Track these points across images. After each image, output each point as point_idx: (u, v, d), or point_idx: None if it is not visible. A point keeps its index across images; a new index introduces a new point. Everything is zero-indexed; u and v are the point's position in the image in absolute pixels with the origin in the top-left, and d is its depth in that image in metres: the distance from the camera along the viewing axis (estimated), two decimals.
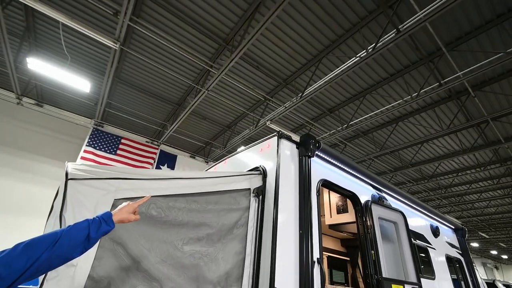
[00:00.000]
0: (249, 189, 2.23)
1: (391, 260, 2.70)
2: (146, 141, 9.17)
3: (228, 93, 7.56)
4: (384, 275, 2.42)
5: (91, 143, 7.70)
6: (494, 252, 29.24)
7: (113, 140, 8.02)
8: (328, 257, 5.50)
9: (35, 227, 5.80)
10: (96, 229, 1.09)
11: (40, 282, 1.28)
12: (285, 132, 2.56)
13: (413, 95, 6.20)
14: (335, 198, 3.45)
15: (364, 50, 5.08)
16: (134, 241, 1.56)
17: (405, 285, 2.54)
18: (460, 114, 7.47)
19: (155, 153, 8.79)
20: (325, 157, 2.76)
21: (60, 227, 1.42)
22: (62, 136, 8.03)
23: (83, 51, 6.40)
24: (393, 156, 10.18)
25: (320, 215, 2.35)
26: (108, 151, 7.77)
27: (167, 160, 9.25)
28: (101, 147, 7.79)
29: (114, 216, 1.21)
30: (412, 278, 2.66)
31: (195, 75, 6.96)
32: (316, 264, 2.08)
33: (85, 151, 7.39)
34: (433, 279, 3.40)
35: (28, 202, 6.70)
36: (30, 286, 2.90)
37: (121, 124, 9.03)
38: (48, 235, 1.00)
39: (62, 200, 1.47)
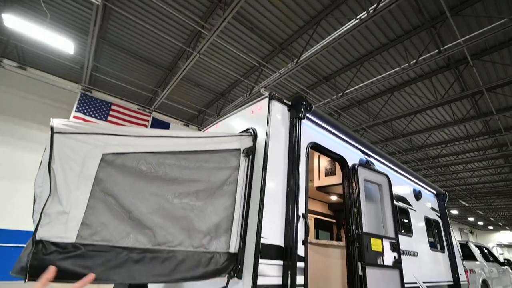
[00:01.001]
0: (239, 149, 2.26)
1: (373, 218, 2.88)
2: (138, 108, 8.98)
3: (221, 57, 7.27)
4: (364, 230, 2.60)
5: (80, 108, 7.51)
6: (471, 219, 31.36)
7: (103, 106, 7.83)
8: (316, 219, 5.83)
9: (23, 192, 5.89)
10: None
11: (34, 227, 1.34)
12: (277, 94, 2.53)
13: (411, 62, 6.09)
14: (324, 162, 3.55)
15: (365, 11, 4.84)
16: (125, 193, 1.61)
17: (383, 240, 2.75)
18: (456, 84, 7.45)
19: (147, 121, 8.67)
20: (316, 120, 2.77)
21: (50, 179, 1.44)
22: (49, 101, 7.78)
23: (64, 8, 5.93)
24: (386, 126, 10.30)
25: (308, 175, 2.44)
26: (98, 117, 7.63)
27: (160, 128, 9.17)
28: (91, 113, 7.62)
29: None
30: (390, 234, 2.87)
31: (186, 36, 6.61)
32: (301, 218, 2.21)
33: (74, 117, 7.24)
34: (411, 236, 3.67)
35: (16, 167, 6.69)
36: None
37: (110, 90, 8.73)
38: None
39: (49, 153, 1.48)
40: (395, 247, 2.81)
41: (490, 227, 38.09)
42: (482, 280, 6.77)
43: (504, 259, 9.23)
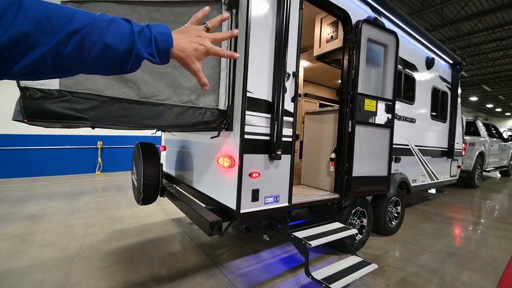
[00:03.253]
0: (221, 1, 1.99)
1: (372, 80, 2.78)
2: None
3: None
4: (359, 91, 2.56)
5: None
6: (490, 106, 30.57)
7: None
8: (321, 104, 5.86)
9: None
10: (143, 46, 0.54)
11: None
12: None
13: None
14: (326, 29, 3.16)
15: None
16: None
17: (379, 101, 2.74)
18: None
19: None
20: None
21: None
22: None
23: None
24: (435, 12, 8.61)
25: (301, 31, 2.20)
26: None
27: None
28: None
29: (177, 41, 0.59)
30: (388, 96, 2.83)
31: None
32: (291, 76, 2.15)
33: None
34: (412, 104, 3.65)
35: None
36: None
37: None
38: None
39: None
40: (390, 108, 2.82)
41: (508, 114, 37.54)
42: (479, 152, 7.19)
43: (509, 136, 9.45)
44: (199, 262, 2.60)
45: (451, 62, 4.59)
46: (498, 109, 33.37)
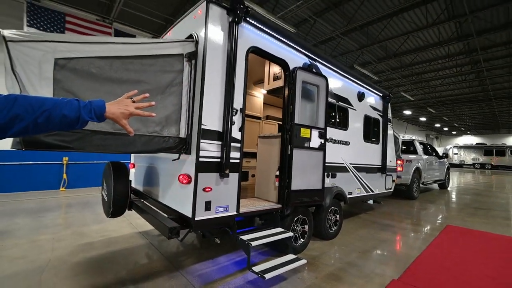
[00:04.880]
0: (182, 54, 2.57)
1: (307, 113, 3.51)
2: (97, 19, 8.22)
3: None
4: (296, 122, 3.26)
5: (31, 22, 6.85)
6: (437, 125, 34.48)
7: (55, 18, 7.13)
8: (279, 124, 6.54)
9: None
10: (86, 114, 0.97)
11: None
12: None
13: None
14: (273, 68, 3.90)
15: None
16: (83, 91, 2.02)
17: (313, 129, 3.46)
18: None
19: (109, 33, 8.11)
20: (258, 24, 2.97)
21: (17, 82, 1.81)
22: None
23: None
24: (362, 32, 10.09)
25: (247, 77, 2.85)
26: (54, 31, 7.08)
27: None
28: (45, 27, 7.00)
29: (108, 109, 1.05)
30: (320, 125, 3.58)
31: None
32: (238, 111, 2.77)
33: None
34: (345, 130, 4.48)
35: None
36: None
37: None
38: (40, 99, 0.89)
39: (9, 60, 1.79)
40: (322, 135, 3.56)
41: (454, 132, 42.50)
42: (416, 167, 8.42)
43: (443, 153, 11.05)
44: (162, 267, 2.99)
45: (380, 94, 5.63)
46: (446, 128, 37.72)
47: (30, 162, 7.01)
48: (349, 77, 4.56)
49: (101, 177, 3.44)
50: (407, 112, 24.27)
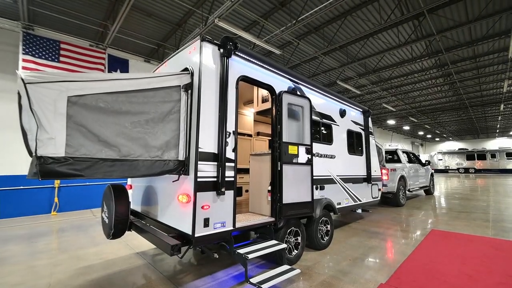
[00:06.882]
0: (179, 85, 2.87)
1: (294, 132, 3.83)
2: (90, 45, 8.53)
3: None
4: (284, 140, 3.57)
5: (27, 50, 7.07)
6: (421, 133, 35.93)
7: (51, 46, 7.39)
8: (269, 140, 6.87)
9: None
10: None
11: (34, 149, 2.01)
12: (207, 36, 2.99)
13: None
14: (261, 91, 4.26)
15: None
16: (92, 124, 2.26)
17: (299, 146, 3.78)
18: (403, 8, 7.84)
19: (103, 58, 8.40)
20: (245, 56, 3.34)
21: (34, 117, 2.03)
22: None
23: None
24: (342, 51, 10.81)
25: (238, 103, 3.17)
26: (49, 59, 7.31)
27: (119, 65, 8.98)
28: (40, 54, 7.24)
29: None
30: (306, 142, 3.90)
31: None
32: (231, 134, 3.05)
33: (24, 60, 6.91)
34: (330, 144, 4.84)
35: None
36: None
37: (54, 26, 8.02)
38: None
39: (28, 99, 2.02)
40: (308, 150, 3.88)
41: (437, 139, 44.25)
42: (401, 176, 8.85)
43: (426, 161, 11.62)
44: (162, 285, 3.12)
45: (361, 110, 6.09)
46: (429, 135, 39.29)
47: (21, 187, 6.97)
48: (331, 96, 4.98)
49: (100, 199, 3.58)
50: (391, 122, 25.33)
